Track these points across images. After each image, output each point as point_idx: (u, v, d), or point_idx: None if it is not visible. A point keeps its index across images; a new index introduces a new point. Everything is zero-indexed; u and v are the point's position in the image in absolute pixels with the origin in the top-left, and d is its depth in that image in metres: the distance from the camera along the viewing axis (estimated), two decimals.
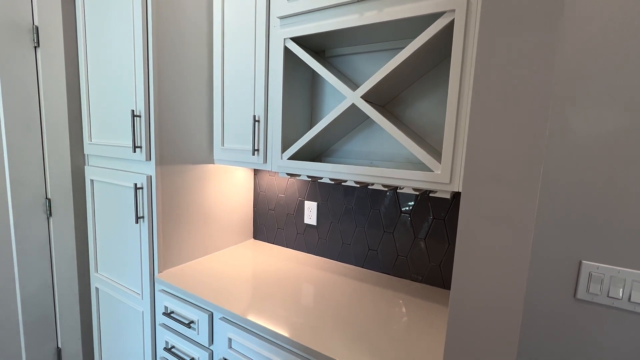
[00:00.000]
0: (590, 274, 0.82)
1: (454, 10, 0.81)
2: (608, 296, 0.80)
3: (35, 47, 1.31)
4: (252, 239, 1.70)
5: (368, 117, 1.23)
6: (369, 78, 1.16)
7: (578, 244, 0.83)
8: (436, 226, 1.19)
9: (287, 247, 1.59)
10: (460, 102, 0.83)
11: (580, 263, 0.83)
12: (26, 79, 1.29)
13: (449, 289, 1.19)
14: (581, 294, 0.84)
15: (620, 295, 0.79)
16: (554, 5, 0.49)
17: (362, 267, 1.37)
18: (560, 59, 0.80)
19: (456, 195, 1.14)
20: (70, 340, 1.51)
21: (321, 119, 1.33)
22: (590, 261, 0.82)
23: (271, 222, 1.63)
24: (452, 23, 0.83)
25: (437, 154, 1.04)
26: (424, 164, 1.12)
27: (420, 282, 1.24)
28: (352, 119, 1.17)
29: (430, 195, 1.01)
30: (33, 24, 1.29)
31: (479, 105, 0.55)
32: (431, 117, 1.12)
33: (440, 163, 0.88)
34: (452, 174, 0.86)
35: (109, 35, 1.25)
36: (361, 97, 0.99)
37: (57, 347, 1.49)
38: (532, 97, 0.51)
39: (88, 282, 1.56)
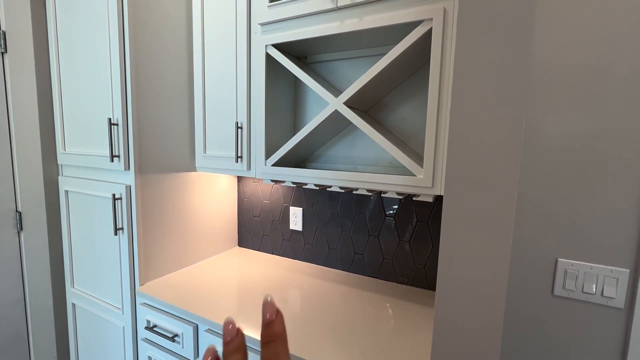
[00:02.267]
0: (565, 271, 0.85)
1: (431, 19, 0.84)
2: (583, 291, 0.84)
3: (2, 53, 1.24)
4: (237, 247, 1.67)
5: (351, 122, 1.24)
6: (351, 84, 1.17)
7: (554, 242, 0.86)
8: (420, 229, 1.21)
9: (272, 253, 1.58)
10: (440, 107, 0.85)
11: (556, 261, 0.87)
12: None
13: (434, 289, 1.21)
14: (558, 290, 0.87)
15: (594, 290, 0.83)
16: (525, 14, 0.52)
17: (349, 272, 1.38)
18: (533, 65, 0.84)
19: (439, 198, 1.16)
20: None
21: (305, 125, 1.33)
22: (566, 259, 0.86)
23: (256, 229, 1.61)
24: (430, 31, 0.85)
25: (419, 158, 1.06)
26: (407, 168, 1.14)
27: (406, 284, 1.26)
28: (335, 125, 1.17)
29: (414, 199, 1.03)
30: (0, 29, 1.23)
31: (457, 111, 0.57)
32: (413, 122, 1.14)
33: (422, 167, 0.89)
34: (434, 178, 0.88)
35: (82, 39, 1.21)
36: (344, 103, 1.00)
37: None
38: (508, 103, 0.53)
39: (63, 298, 1.48)
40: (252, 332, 0.93)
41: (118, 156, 1.14)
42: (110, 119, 1.11)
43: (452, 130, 0.58)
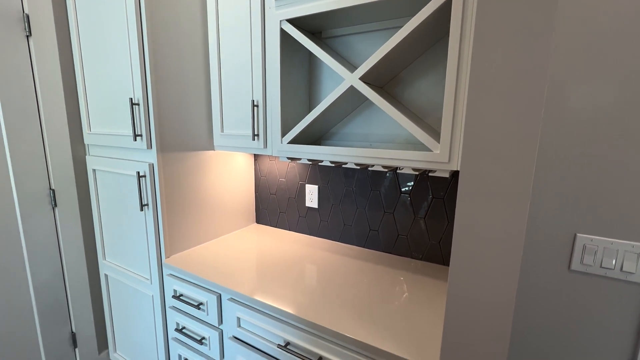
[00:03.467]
0: (584, 246, 0.85)
1: None
2: (601, 267, 0.83)
3: (27, 37, 1.29)
4: (255, 224, 1.73)
5: (367, 98, 1.23)
6: (366, 59, 1.15)
7: (573, 217, 0.85)
8: (435, 205, 1.21)
9: (289, 230, 1.62)
10: (459, 80, 0.83)
11: (575, 236, 0.86)
12: (21, 69, 1.28)
13: (448, 265, 1.23)
14: (575, 265, 0.87)
15: (613, 265, 0.82)
16: None
17: (364, 247, 1.41)
18: (558, 32, 0.80)
19: (455, 174, 1.15)
20: (83, 325, 1.57)
21: (320, 102, 1.33)
22: (585, 234, 0.85)
23: (273, 206, 1.66)
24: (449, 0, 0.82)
25: (435, 133, 1.05)
26: (423, 144, 1.13)
27: (420, 259, 1.28)
28: (351, 101, 1.17)
29: (430, 174, 1.03)
30: (23, 12, 1.27)
31: (476, 82, 0.56)
32: (430, 96, 1.12)
33: (439, 142, 0.89)
34: (450, 153, 0.87)
35: (101, 22, 1.23)
36: (359, 78, 0.99)
37: (72, 332, 1.55)
38: (530, 73, 0.52)
39: (97, 269, 1.60)
40: (273, 302, 0.98)
41: (140, 135, 1.18)
42: (131, 99, 1.14)
43: (471, 102, 0.57)
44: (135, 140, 1.18)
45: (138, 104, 1.16)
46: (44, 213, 1.40)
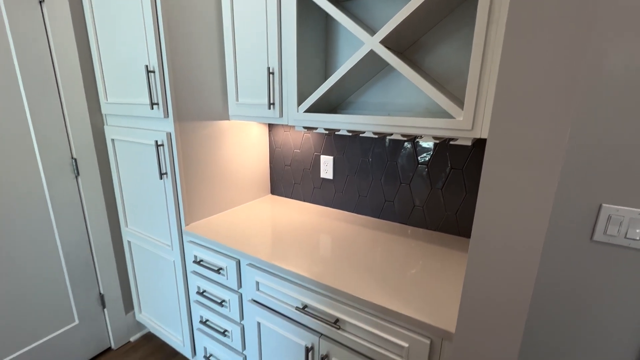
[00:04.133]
0: (609, 217, 0.83)
1: None
2: (626, 237, 0.82)
3: (40, 2, 1.27)
4: (270, 195, 1.75)
5: (385, 65, 1.18)
6: (385, 24, 1.09)
7: (599, 187, 0.83)
8: (454, 176, 1.19)
9: (304, 201, 1.64)
10: (487, 42, 0.78)
11: (600, 206, 0.84)
12: (36, 36, 1.27)
13: (465, 236, 1.23)
14: (598, 236, 0.85)
15: (638, 236, 0.80)
16: None
17: (379, 218, 1.41)
18: None
19: (476, 144, 1.12)
20: (110, 287, 1.66)
21: (336, 69, 1.29)
22: (611, 204, 0.82)
23: (288, 178, 1.66)
24: None
25: (457, 101, 1.01)
26: (444, 112, 1.09)
27: (436, 230, 1.28)
28: (369, 68, 1.13)
29: (451, 143, 1.00)
30: None
31: (511, 38, 0.53)
32: (452, 63, 1.07)
33: (462, 109, 0.86)
34: (474, 120, 0.84)
35: None
36: (380, 42, 0.94)
37: (100, 293, 1.64)
38: (569, 29, 0.48)
39: (120, 236, 1.67)
40: (290, 266, 1.01)
41: (157, 104, 1.18)
42: (146, 65, 1.13)
43: (505, 58, 0.54)
44: (152, 108, 1.19)
45: (153, 71, 1.15)
46: (67, 181, 1.45)
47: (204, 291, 1.32)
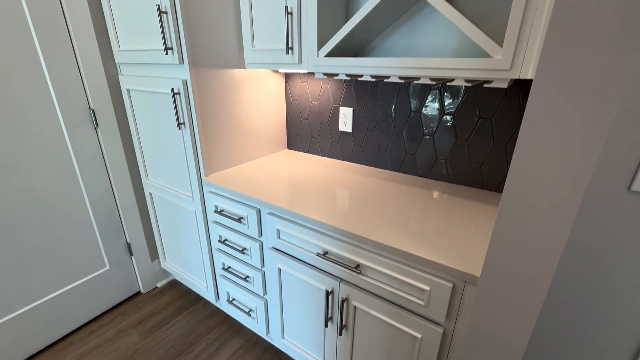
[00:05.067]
0: None
1: None
2: None
3: None
4: (287, 149, 1.73)
5: (413, 4, 1.08)
6: None
7: None
8: (481, 127, 1.13)
9: (322, 155, 1.62)
10: None
11: None
12: None
13: (490, 189, 1.19)
14: (637, 185, 0.81)
15: None
16: None
17: (399, 172, 1.39)
18: None
19: (510, 90, 1.05)
20: (136, 237, 1.74)
21: (357, 10, 1.19)
22: None
23: (305, 132, 1.63)
24: None
25: (494, 39, 0.92)
26: (475, 54, 1.01)
27: (459, 183, 1.25)
28: (395, 7, 1.03)
29: (485, 86, 0.93)
30: None
31: None
32: (488, 0, 0.96)
33: (501, 47, 0.78)
34: (514, 59, 0.77)
35: None
36: None
37: (127, 242, 1.73)
38: None
39: (142, 188, 1.71)
40: (311, 214, 1.01)
41: (172, 48, 1.14)
42: (158, 5, 1.07)
43: None
44: (167, 54, 1.14)
45: (166, 12, 1.09)
46: (88, 132, 1.45)
47: (225, 240, 1.37)
